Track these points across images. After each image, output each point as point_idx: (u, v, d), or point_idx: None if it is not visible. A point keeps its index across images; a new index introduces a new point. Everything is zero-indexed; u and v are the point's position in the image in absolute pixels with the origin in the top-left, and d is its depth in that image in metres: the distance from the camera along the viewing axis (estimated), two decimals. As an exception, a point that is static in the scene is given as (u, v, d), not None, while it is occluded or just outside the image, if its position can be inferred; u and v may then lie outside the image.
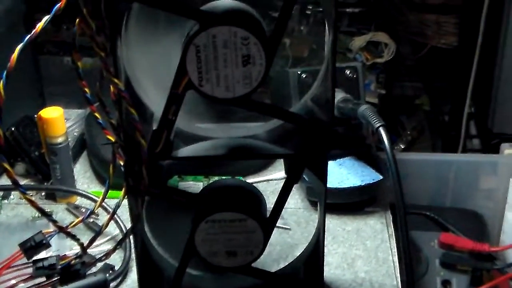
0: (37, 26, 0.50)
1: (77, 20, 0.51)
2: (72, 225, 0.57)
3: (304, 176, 0.59)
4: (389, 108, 1.15)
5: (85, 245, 0.58)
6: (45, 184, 0.85)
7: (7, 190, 0.84)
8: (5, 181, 0.86)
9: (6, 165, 0.49)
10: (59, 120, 0.79)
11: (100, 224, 0.77)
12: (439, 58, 1.16)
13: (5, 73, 0.48)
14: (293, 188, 0.58)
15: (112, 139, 0.56)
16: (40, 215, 0.77)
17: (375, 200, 0.83)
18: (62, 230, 0.55)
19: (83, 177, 0.89)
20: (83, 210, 0.80)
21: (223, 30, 0.50)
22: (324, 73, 0.57)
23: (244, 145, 0.59)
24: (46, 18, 0.50)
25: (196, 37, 0.50)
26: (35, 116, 0.88)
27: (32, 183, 0.86)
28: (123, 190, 0.58)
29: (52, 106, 0.81)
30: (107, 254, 0.58)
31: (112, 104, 0.55)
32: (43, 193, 0.85)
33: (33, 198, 0.54)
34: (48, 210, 0.80)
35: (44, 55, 1.06)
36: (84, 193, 0.81)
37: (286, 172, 0.59)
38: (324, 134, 0.56)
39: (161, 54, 0.55)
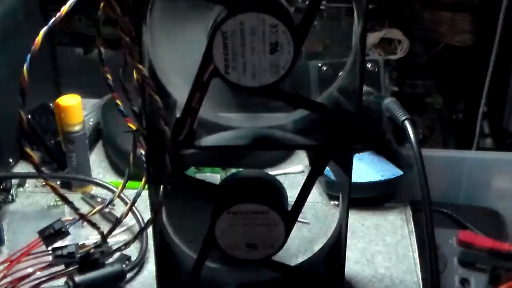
0: (62, 9, 0.48)
1: (102, 4, 0.50)
2: (92, 213, 0.56)
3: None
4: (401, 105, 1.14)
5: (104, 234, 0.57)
6: (61, 172, 0.84)
7: (23, 177, 0.83)
8: (20, 169, 0.86)
9: (29, 150, 0.49)
10: (76, 108, 0.78)
11: (117, 214, 0.76)
12: (453, 56, 1.15)
13: (29, 56, 0.47)
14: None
15: (134, 127, 0.55)
16: (56, 203, 0.78)
17: (395, 196, 0.82)
18: (83, 217, 0.54)
19: (98, 166, 0.88)
20: (99, 200, 0.80)
21: (252, 17, 0.49)
22: (352, 63, 0.55)
23: (268, 136, 0.58)
24: (71, 1, 0.49)
25: (223, 24, 0.49)
26: (51, 104, 0.87)
27: (47, 172, 0.85)
28: (143, 180, 0.57)
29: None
30: (127, 244, 0.57)
31: (133, 91, 0.54)
32: (58, 182, 0.84)
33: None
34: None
35: (56, 46, 1.05)
36: (102, 182, 0.80)
37: (310, 164, 0.58)
38: (350, 125, 0.55)
39: (186, 41, 0.54)
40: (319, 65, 0.81)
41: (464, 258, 0.84)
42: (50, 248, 0.58)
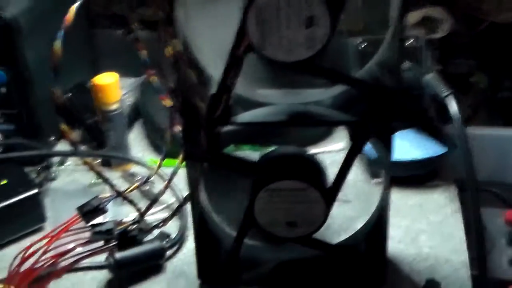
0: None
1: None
2: (129, 190, 0.56)
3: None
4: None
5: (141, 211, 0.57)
6: (100, 151, 0.85)
7: (62, 155, 0.84)
8: (61, 147, 0.87)
9: (64, 127, 0.49)
10: (113, 86, 0.78)
11: (155, 192, 0.76)
12: (497, 34, 1.11)
13: (62, 31, 0.47)
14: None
15: (169, 103, 0.55)
16: (97, 181, 0.79)
17: (438, 174, 0.80)
18: (121, 194, 0.54)
19: (138, 145, 0.88)
20: (138, 178, 0.80)
21: (287, -11, 0.48)
22: (391, 37, 0.53)
23: (306, 112, 0.57)
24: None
25: (258, -3, 0.48)
26: (89, 83, 0.88)
27: (87, 150, 0.85)
28: (180, 156, 0.56)
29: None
30: (165, 221, 0.57)
31: (168, 68, 0.53)
32: (98, 160, 0.84)
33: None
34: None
35: (96, 28, 1.05)
36: (139, 160, 0.80)
37: (350, 141, 0.57)
38: (390, 100, 0.54)
39: (220, 15, 0.53)
40: (358, 42, 0.79)
41: (513, 238, 0.82)
42: (89, 224, 0.59)
